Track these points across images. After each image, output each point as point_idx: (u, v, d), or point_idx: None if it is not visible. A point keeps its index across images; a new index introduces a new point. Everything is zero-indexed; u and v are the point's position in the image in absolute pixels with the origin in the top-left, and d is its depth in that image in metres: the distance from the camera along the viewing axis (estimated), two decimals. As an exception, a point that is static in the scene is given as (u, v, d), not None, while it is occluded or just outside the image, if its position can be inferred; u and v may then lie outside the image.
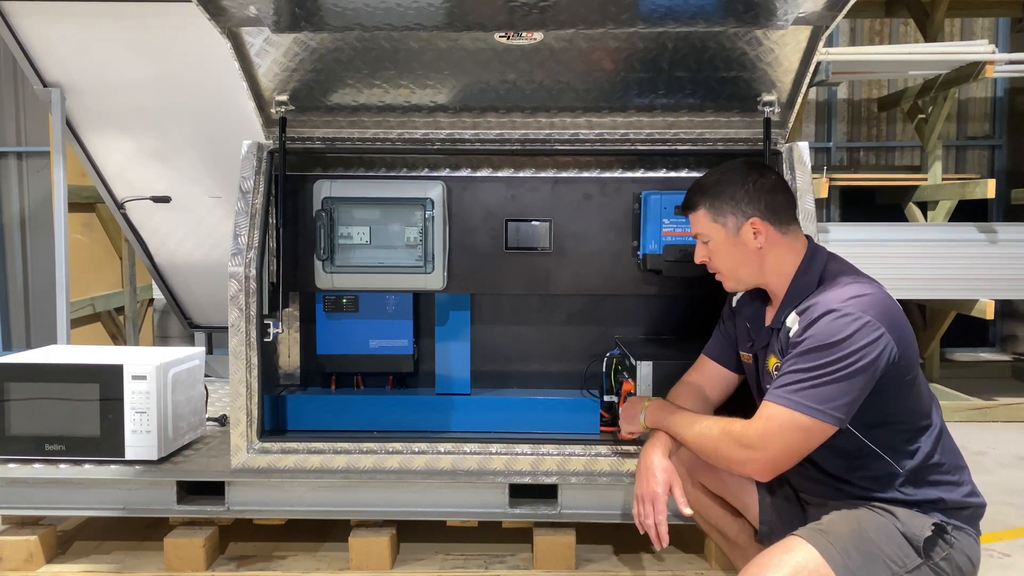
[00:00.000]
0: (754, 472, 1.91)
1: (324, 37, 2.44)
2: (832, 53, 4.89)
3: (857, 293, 1.88)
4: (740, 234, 2.02)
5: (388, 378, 3.03)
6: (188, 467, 2.62)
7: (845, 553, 1.79)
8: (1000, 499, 3.38)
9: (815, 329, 1.85)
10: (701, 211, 2.07)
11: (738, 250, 2.04)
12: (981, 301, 4.76)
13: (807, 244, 2.05)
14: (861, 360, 1.80)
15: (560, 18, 2.31)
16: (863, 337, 1.80)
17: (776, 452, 1.85)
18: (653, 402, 2.20)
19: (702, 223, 2.08)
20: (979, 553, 1.91)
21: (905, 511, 1.88)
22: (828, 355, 1.81)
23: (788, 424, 1.83)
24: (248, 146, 2.67)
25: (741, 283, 2.10)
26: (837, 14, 2.29)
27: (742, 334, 2.21)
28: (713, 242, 2.07)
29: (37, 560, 2.53)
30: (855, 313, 1.82)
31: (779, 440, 1.84)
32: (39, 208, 6.59)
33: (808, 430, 1.82)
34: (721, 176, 2.08)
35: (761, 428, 1.86)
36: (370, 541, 2.49)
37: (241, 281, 2.52)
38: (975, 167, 6.83)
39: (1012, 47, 6.55)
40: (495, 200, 2.81)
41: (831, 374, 1.80)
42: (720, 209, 2.04)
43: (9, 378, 2.61)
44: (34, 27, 3.48)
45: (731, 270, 2.08)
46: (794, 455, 1.86)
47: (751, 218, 2.01)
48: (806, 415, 1.82)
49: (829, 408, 1.81)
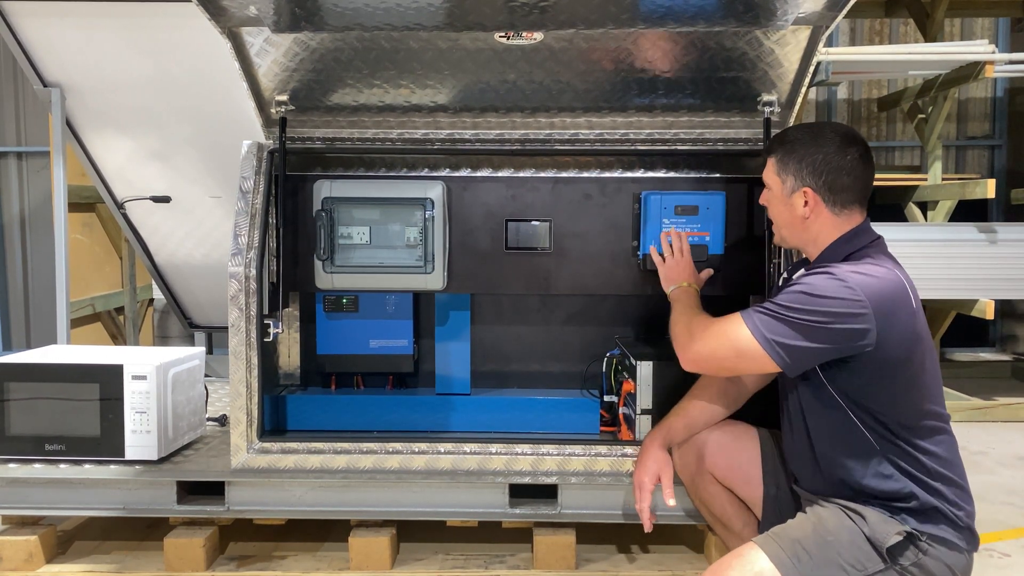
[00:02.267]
0: (680, 357, 2.08)
1: (324, 37, 2.44)
2: (832, 53, 4.89)
3: (866, 272, 1.88)
4: (792, 197, 2.05)
5: (388, 378, 3.03)
6: (188, 467, 2.62)
7: (795, 556, 1.81)
8: (1000, 499, 3.38)
9: (806, 279, 1.92)
10: (772, 158, 2.09)
11: (786, 210, 2.08)
12: (981, 301, 4.76)
13: (851, 233, 2.01)
14: (829, 323, 1.84)
15: (560, 18, 2.31)
16: (843, 305, 1.84)
17: (709, 350, 2.00)
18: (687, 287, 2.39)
19: (768, 170, 2.11)
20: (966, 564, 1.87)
21: (875, 514, 1.86)
22: (802, 303, 1.87)
23: (733, 333, 1.94)
24: (248, 146, 2.67)
25: (784, 241, 2.16)
26: (837, 14, 2.29)
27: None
28: (769, 192, 2.12)
29: (37, 560, 2.53)
30: (849, 283, 1.85)
31: (716, 339, 1.99)
32: (39, 208, 6.59)
33: (744, 349, 1.92)
34: (804, 135, 2.05)
35: (711, 325, 2.03)
36: (370, 541, 2.49)
37: (241, 281, 2.52)
38: (975, 167, 6.83)
39: (1012, 47, 6.55)
40: (495, 200, 2.81)
41: (795, 318, 1.87)
42: (786, 166, 2.05)
43: (9, 378, 2.61)
44: (34, 27, 3.48)
45: (778, 225, 2.14)
46: (719, 361, 2.01)
47: (805, 187, 2.02)
48: (752, 335, 1.91)
49: (776, 339, 1.88)
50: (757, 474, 2.18)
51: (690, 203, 2.71)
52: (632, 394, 2.67)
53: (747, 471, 2.19)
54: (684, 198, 2.71)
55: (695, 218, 2.70)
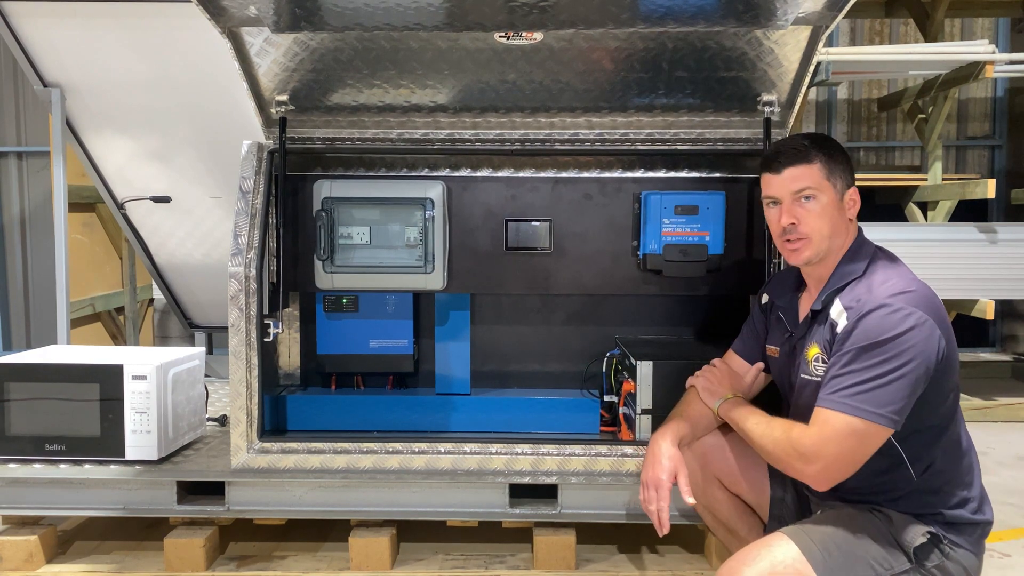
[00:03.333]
0: (811, 482, 1.84)
1: (324, 37, 2.44)
2: (832, 53, 4.89)
3: (906, 288, 1.83)
4: (844, 198, 1.97)
5: (388, 378, 3.03)
6: (188, 467, 2.61)
7: (826, 550, 1.78)
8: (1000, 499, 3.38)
9: (866, 325, 1.79)
10: (817, 165, 1.95)
11: (839, 214, 1.96)
12: (981, 301, 4.76)
13: (858, 231, 2.01)
14: (916, 358, 1.75)
15: (560, 18, 2.31)
16: (917, 334, 1.75)
17: (831, 460, 1.79)
18: (734, 398, 2.14)
19: (815, 177, 1.95)
20: (979, 568, 1.89)
21: (901, 516, 1.86)
22: (882, 354, 1.75)
23: (843, 430, 1.77)
24: (248, 146, 2.67)
25: (820, 253, 1.97)
26: (837, 14, 2.29)
27: (775, 327, 2.18)
28: (819, 201, 1.95)
29: (37, 560, 2.53)
30: (907, 308, 1.77)
31: (835, 447, 1.78)
32: (39, 208, 6.59)
33: (864, 435, 1.76)
34: (828, 139, 2.00)
35: (816, 435, 1.80)
36: (370, 541, 2.49)
37: (241, 281, 2.52)
38: (975, 167, 6.83)
39: (1012, 47, 6.55)
40: (495, 200, 2.81)
41: (887, 374, 1.75)
42: (833, 168, 1.95)
43: (9, 378, 2.61)
44: (34, 27, 3.48)
45: (826, 236, 1.95)
46: (850, 462, 1.80)
47: (852, 186, 1.97)
48: (862, 419, 1.75)
49: (887, 411, 1.75)
50: (763, 477, 2.17)
51: (690, 203, 2.71)
52: (632, 394, 2.67)
53: (753, 475, 2.16)
54: (684, 198, 2.71)
55: (695, 218, 2.71)
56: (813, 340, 1.97)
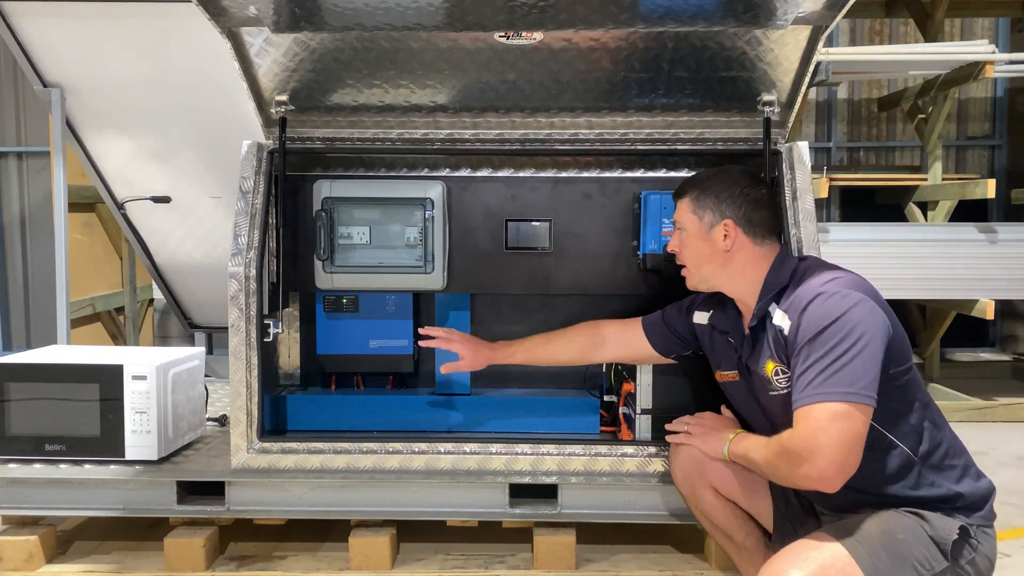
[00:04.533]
0: (819, 483, 1.78)
1: (324, 37, 2.44)
2: (832, 53, 4.90)
3: (835, 276, 1.91)
4: (712, 232, 2.09)
5: (388, 378, 3.03)
6: (188, 467, 2.62)
7: (873, 553, 1.77)
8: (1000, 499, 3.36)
9: (808, 317, 1.84)
10: (686, 199, 2.14)
11: (706, 246, 2.10)
12: (981, 301, 4.76)
13: (778, 252, 2.09)
14: (866, 332, 1.78)
15: (560, 18, 2.31)
16: (859, 310, 1.80)
17: (828, 450, 1.75)
18: (737, 436, 2.11)
19: (683, 211, 2.15)
20: (996, 550, 1.93)
21: (933, 514, 1.85)
22: (833, 337, 1.79)
23: (826, 416, 1.76)
24: (248, 146, 2.67)
25: (704, 281, 2.15)
26: (837, 14, 2.29)
27: (724, 352, 2.21)
28: (686, 232, 2.14)
29: (37, 560, 2.53)
30: (842, 291, 1.84)
31: (825, 436, 1.75)
32: (39, 208, 6.59)
33: (847, 416, 1.75)
34: (715, 174, 2.16)
35: (803, 431, 1.79)
36: (370, 541, 2.49)
37: (241, 281, 2.52)
38: (975, 167, 6.83)
39: (1012, 47, 6.55)
40: (495, 200, 2.81)
41: (845, 354, 1.77)
42: (702, 203, 2.11)
43: (9, 378, 2.61)
44: (34, 27, 3.48)
45: (696, 265, 2.14)
46: (846, 449, 1.75)
47: (725, 220, 2.07)
48: (839, 401, 1.75)
49: (859, 388, 1.75)
50: (762, 486, 2.16)
51: (690, 203, 2.71)
52: (632, 394, 2.67)
53: (752, 484, 2.15)
54: (684, 198, 2.71)
55: (695, 218, 2.70)
56: (765, 356, 2.01)
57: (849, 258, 4.84)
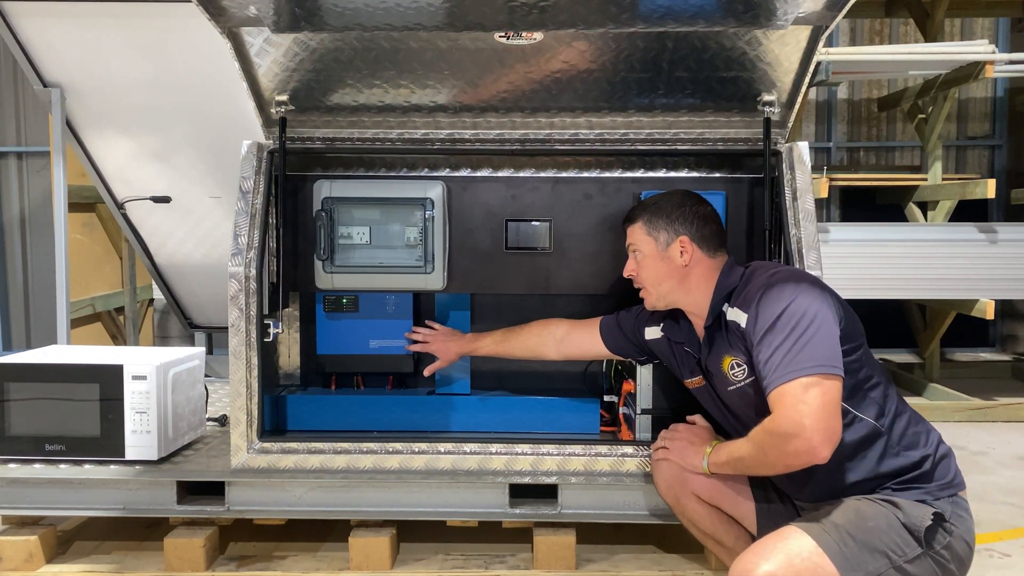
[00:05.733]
0: (809, 454, 1.80)
1: (324, 37, 2.44)
2: (832, 53, 4.90)
3: (779, 269, 2.06)
4: (668, 249, 2.18)
5: (388, 378, 3.03)
6: (188, 467, 2.62)
7: (842, 541, 1.80)
8: (1000, 499, 3.38)
9: (761, 308, 1.94)
10: (638, 223, 2.23)
11: (664, 264, 2.19)
12: (981, 301, 4.76)
13: (725, 262, 2.18)
14: (818, 312, 1.88)
15: (560, 18, 2.31)
16: (806, 294, 1.91)
17: (810, 420, 1.78)
18: (714, 448, 2.13)
19: (637, 234, 2.24)
20: (973, 531, 1.93)
21: (906, 502, 1.88)
22: (789, 322, 1.88)
23: (799, 390, 1.81)
24: (248, 146, 2.67)
25: (662, 299, 2.23)
26: (837, 14, 2.29)
27: (684, 361, 2.27)
28: (642, 254, 2.23)
29: (37, 560, 2.53)
30: (785, 280, 1.95)
31: (804, 406, 1.79)
32: (39, 208, 6.59)
33: (819, 385, 1.81)
34: (662, 198, 2.27)
35: (782, 410, 1.83)
36: (370, 541, 2.49)
37: (241, 281, 2.52)
38: (975, 167, 6.84)
39: (1012, 47, 6.55)
40: (495, 200, 2.81)
41: (803, 335, 1.85)
42: (655, 224, 2.20)
43: (9, 378, 2.61)
44: (34, 27, 3.48)
45: (654, 283, 2.22)
46: (827, 414, 1.79)
47: (681, 236, 2.16)
48: (808, 375, 1.82)
49: (824, 362, 1.83)
50: (744, 489, 2.18)
51: (690, 203, 2.71)
52: (632, 394, 2.67)
53: (733, 488, 2.18)
54: (684, 198, 2.71)
55: (695, 218, 2.70)
56: (722, 353, 2.08)
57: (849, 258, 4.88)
